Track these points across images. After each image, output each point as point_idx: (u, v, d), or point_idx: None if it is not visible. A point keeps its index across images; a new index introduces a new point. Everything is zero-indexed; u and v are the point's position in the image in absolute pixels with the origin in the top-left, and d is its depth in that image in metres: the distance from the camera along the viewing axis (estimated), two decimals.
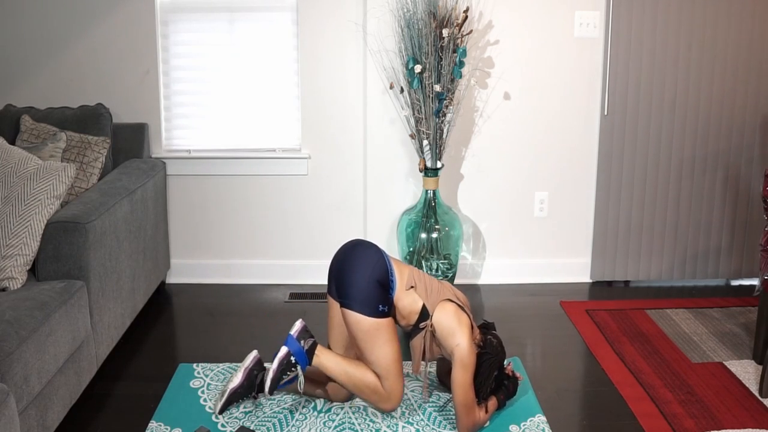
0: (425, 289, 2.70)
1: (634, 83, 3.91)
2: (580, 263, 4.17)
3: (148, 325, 3.59)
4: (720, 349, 3.33)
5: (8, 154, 2.95)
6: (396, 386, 2.68)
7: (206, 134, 4.02)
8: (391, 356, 2.65)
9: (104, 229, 2.97)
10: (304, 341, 2.68)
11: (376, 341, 2.63)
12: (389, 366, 2.65)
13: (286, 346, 2.65)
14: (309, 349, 2.68)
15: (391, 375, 2.66)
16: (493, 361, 2.67)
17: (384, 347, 2.64)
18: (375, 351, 2.64)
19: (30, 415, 2.32)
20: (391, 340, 2.65)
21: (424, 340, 2.68)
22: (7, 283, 2.71)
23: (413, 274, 2.73)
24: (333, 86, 3.93)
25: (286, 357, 2.64)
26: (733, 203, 4.08)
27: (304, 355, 2.66)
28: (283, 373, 2.64)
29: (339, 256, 2.76)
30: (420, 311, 2.68)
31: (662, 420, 2.76)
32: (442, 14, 3.54)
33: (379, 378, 2.67)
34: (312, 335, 2.73)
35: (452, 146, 3.98)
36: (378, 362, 2.65)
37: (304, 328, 2.71)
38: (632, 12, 3.84)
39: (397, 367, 2.67)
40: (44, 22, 3.82)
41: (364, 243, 2.75)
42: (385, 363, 2.65)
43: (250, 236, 4.10)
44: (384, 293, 2.64)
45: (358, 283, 2.62)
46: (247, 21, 3.89)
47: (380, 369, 2.66)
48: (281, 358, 2.64)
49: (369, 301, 2.61)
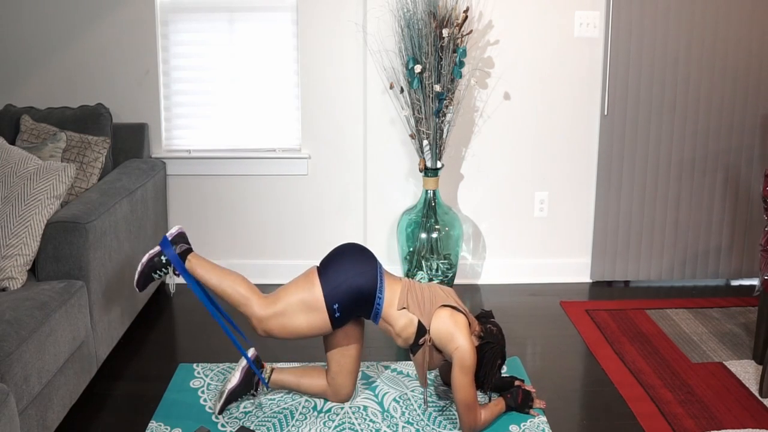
0: (418, 306, 2.68)
1: (634, 83, 3.91)
2: (580, 263, 4.18)
3: (148, 325, 3.60)
4: (720, 349, 3.33)
5: (8, 154, 2.95)
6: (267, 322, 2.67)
7: (206, 134, 4.02)
8: (298, 324, 2.65)
9: (104, 229, 2.97)
10: (178, 246, 2.71)
11: (303, 312, 2.64)
12: (286, 308, 2.65)
13: (160, 245, 2.70)
14: (182, 252, 2.70)
15: (280, 313, 2.66)
16: (495, 350, 2.66)
17: (302, 317, 2.64)
18: (295, 316, 2.64)
19: (30, 415, 2.32)
20: (311, 324, 2.65)
21: (425, 354, 2.68)
22: (7, 283, 2.71)
23: (405, 293, 2.70)
24: (333, 86, 3.93)
25: (156, 254, 2.68)
26: (733, 203, 4.08)
27: (177, 257, 2.68)
28: (153, 270, 2.68)
29: (344, 246, 2.79)
30: (417, 330, 2.68)
31: (662, 420, 2.76)
32: (442, 14, 3.54)
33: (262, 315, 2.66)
34: (189, 244, 2.75)
35: (452, 146, 3.98)
36: (286, 310, 2.65)
37: (180, 233, 2.75)
38: (632, 12, 3.84)
39: (287, 323, 2.66)
40: (44, 22, 3.82)
41: (368, 253, 2.76)
42: (296, 330, 2.66)
43: (250, 236, 4.10)
44: (354, 303, 2.65)
45: (345, 271, 2.65)
46: (247, 21, 3.90)
47: (280, 308, 2.65)
48: (151, 254, 2.68)
49: (335, 292, 2.63)
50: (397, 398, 2.91)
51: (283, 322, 2.65)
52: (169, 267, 2.69)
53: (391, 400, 2.90)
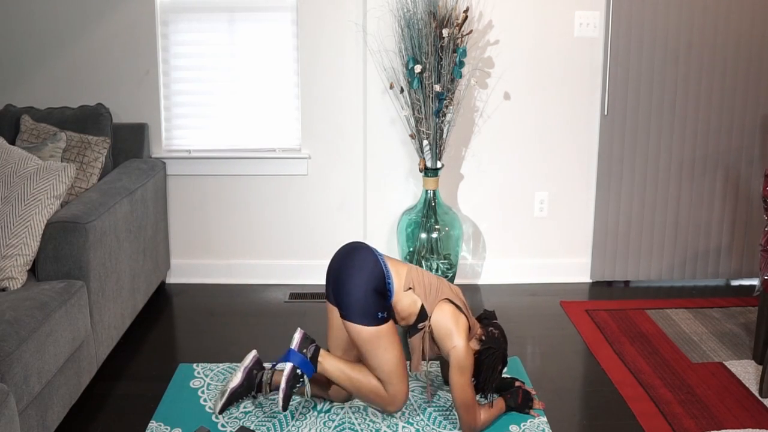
0: (424, 289, 2.69)
1: (634, 83, 3.91)
2: (580, 263, 4.17)
3: (148, 325, 3.59)
4: (720, 349, 3.33)
5: (8, 154, 2.95)
6: (399, 389, 2.67)
7: (206, 134, 4.02)
8: (393, 361, 2.65)
9: (104, 229, 2.97)
10: (306, 350, 2.69)
11: (378, 348, 2.63)
12: (391, 371, 2.65)
13: (290, 361, 2.66)
14: (312, 355, 2.69)
15: (394, 379, 2.66)
16: (496, 355, 2.66)
17: (386, 353, 2.63)
18: (377, 357, 2.64)
19: (30, 415, 2.32)
20: (393, 345, 2.64)
21: (423, 341, 2.67)
22: (7, 283, 2.70)
23: (411, 274, 2.71)
24: (333, 86, 3.93)
25: (292, 372, 2.65)
26: (733, 203, 4.08)
27: (309, 364, 2.67)
28: (293, 389, 2.66)
29: (335, 263, 2.74)
30: (419, 312, 2.68)
31: (662, 420, 2.76)
32: (442, 14, 3.54)
33: (382, 382, 2.67)
34: (313, 340, 2.73)
35: (452, 146, 3.98)
36: (381, 368, 2.65)
37: (303, 337, 2.72)
38: (632, 12, 3.84)
39: (399, 371, 2.66)
40: (44, 22, 3.82)
41: (360, 248, 2.72)
42: (388, 368, 2.64)
43: (250, 236, 4.10)
44: (381, 301, 2.63)
45: (356, 294, 2.61)
46: (247, 21, 3.89)
47: (383, 374, 2.66)
48: (288, 375, 2.65)
49: (367, 310, 2.60)
50: None
51: (398, 377, 2.66)
52: (305, 377, 2.67)
53: None
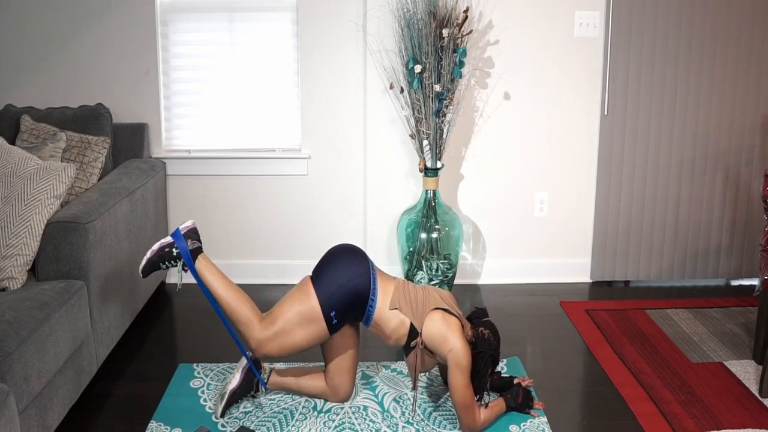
0: (410, 307, 2.67)
1: (634, 83, 3.91)
2: (580, 263, 4.17)
3: (148, 325, 3.59)
4: (720, 349, 3.33)
5: (8, 154, 2.95)
6: (273, 347, 2.67)
7: (206, 134, 4.02)
8: (297, 341, 2.65)
9: (104, 229, 2.97)
10: (191, 241, 2.68)
11: (301, 326, 2.64)
12: (294, 342, 2.65)
13: (173, 237, 2.65)
14: (194, 249, 2.67)
15: (280, 335, 2.65)
16: (486, 358, 2.64)
17: (300, 332, 2.64)
18: (293, 332, 2.64)
19: (30, 415, 2.32)
20: (309, 336, 2.65)
21: (417, 357, 2.67)
22: (7, 283, 2.71)
23: (398, 292, 2.70)
24: (333, 86, 3.93)
25: (168, 245, 2.64)
26: (733, 203, 4.08)
27: (188, 253, 2.65)
28: (162, 260, 2.63)
29: (336, 248, 2.78)
30: (408, 332, 2.67)
31: (662, 420, 2.76)
32: (442, 14, 3.54)
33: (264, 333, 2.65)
34: (200, 241, 2.71)
35: (452, 146, 3.98)
36: (284, 316, 2.65)
37: (194, 229, 2.71)
38: (632, 12, 3.84)
39: (292, 341, 2.65)
40: (44, 22, 3.82)
41: (360, 253, 2.76)
42: (290, 327, 2.64)
43: (250, 236, 4.10)
44: (349, 307, 2.65)
45: (339, 277, 2.65)
46: (247, 21, 3.90)
47: (279, 325, 2.65)
48: (162, 243, 2.64)
49: (331, 299, 2.63)
50: (396, 398, 2.91)
51: (282, 342, 2.65)
52: (179, 261, 2.65)
53: (391, 400, 2.90)
